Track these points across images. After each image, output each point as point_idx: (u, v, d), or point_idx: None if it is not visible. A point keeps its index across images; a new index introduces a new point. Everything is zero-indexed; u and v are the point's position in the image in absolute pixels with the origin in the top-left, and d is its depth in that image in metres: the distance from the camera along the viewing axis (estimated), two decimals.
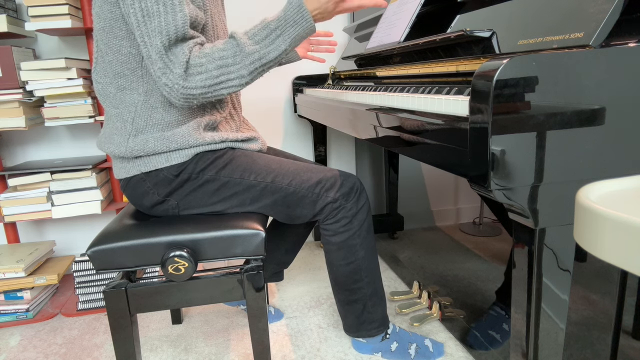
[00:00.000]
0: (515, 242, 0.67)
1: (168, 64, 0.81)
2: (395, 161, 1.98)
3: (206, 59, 0.83)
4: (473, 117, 0.60)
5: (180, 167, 0.93)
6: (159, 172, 0.93)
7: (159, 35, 0.79)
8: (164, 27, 0.79)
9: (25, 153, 1.81)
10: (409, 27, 1.18)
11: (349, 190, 0.99)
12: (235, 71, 0.84)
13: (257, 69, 0.85)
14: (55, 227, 1.91)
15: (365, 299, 1.09)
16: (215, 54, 0.83)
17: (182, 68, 0.81)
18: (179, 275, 0.88)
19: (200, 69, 0.82)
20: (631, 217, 0.28)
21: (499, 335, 1.17)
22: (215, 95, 0.85)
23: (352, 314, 1.12)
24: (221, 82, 0.84)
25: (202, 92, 0.83)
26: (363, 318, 1.11)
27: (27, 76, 1.49)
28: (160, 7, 0.79)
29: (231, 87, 0.85)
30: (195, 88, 0.82)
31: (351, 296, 1.09)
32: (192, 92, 0.83)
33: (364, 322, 1.12)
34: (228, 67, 0.83)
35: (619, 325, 0.90)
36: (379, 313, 1.12)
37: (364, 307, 1.10)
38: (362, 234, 1.03)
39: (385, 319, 1.14)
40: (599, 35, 0.65)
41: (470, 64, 0.86)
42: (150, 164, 0.92)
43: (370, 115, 1.00)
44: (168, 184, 0.94)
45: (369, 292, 1.09)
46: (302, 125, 2.09)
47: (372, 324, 1.12)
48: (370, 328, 1.13)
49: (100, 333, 1.43)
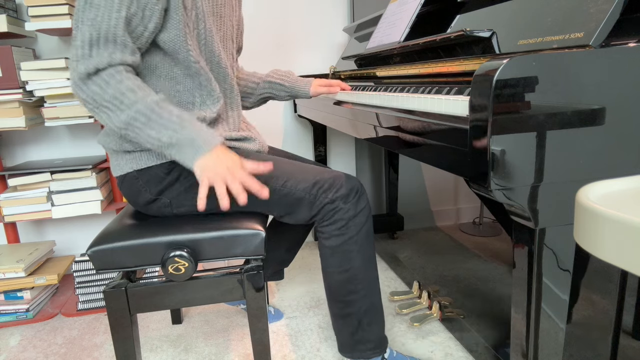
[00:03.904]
0: (515, 242, 0.67)
1: (84, 56, 0.79)
2: (395, 161, 1.98)
3: (114, 82, 0.80)
4: (473, 117, 0.60)
5: (171, 165, 0.93)
6: (150, 169, 0.93)
7: (90, 28, 0.79)
8: (98, 20, 0.79)
9: (25, 153, 1.81)
10: (409, 27, 1.18)
11: (348, 191, 0.95)
12: (118, 112, 0.81)
13: (132, 127, 0.82)
14: (55, 227, 1.91)
15: (360, 314, 1.00)
16: (122, 86, 0.80)
17: (91, 69, 0.79)
18: (179, 275, 0.88)
19: (101, 86, 0.80)
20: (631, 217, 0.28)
21: (499, 335, 1.17)
22: (94, 113, 0.84)
23: (345, 330, 1.03)
24: (104, 109, 0.81)
25: (85, 100, 0.82)
26: (357, 336, 1.02)
27: (27, 76, 1.49)
28: (101, 1, 0.79)
29: (106, 121, 0.82)
30: (84, 93, 0.80)
31: (345, 309, 1.00)
32: (79, 93, 0.81)
33: (359, 342, 1.02)
34: (117, 105, 0.80)
35: (619, 325, 0.90)
36: (376, 333, 1.03)
37: (359, 324, 1.01)
38: (359, 240, 0.96)
39: (382, 340, 1.05)
40: (599, 35, 0.65)
41: (470, 64, 0.86)
42: (142, 160, 0.92)
43: (370, 115, 1.00)
44: (159, 182, 0.93)
45: (365, 306, 1.00)
46: (302, 125, 2.09)
47: (367, 344, 1.03)
48: (364, 349, 1.03)
49: (100, 333, 1.43)
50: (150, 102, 0.81)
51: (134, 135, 0.83)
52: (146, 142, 0.82)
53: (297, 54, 2.01)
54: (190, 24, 0.90)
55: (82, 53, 0.79)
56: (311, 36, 2.00)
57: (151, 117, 0.81)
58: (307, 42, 2.01)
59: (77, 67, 0.79)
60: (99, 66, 0.79)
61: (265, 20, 1.94)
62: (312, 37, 2.01)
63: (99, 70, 0.80)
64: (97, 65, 0.79)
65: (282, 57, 2.00)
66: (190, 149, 0.81)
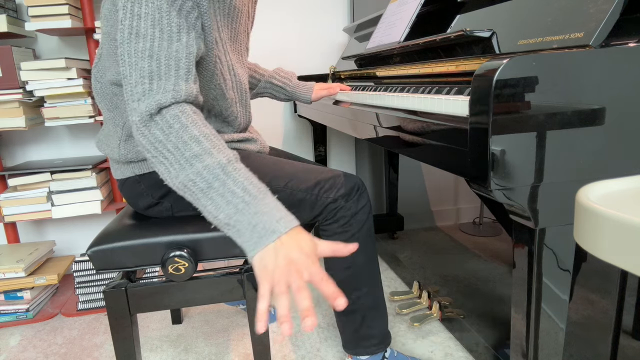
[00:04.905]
0: (515, 242, 0.67)
1: (144, 92, 0.68)
2: (395, 161, 1.98)
3: (178, 127, 0.67)
4: (473, 117, 0.60)
5: None
6: (152, 174, 0.92)
7: (149, 59, 0.69)
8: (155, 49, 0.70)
9: (25, 153, 1.81)
10: (408, 27, 1.18)
11: (350, 190, 0.95)
12: (177, 168, 0.67)
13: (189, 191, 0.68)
14: (55, 227, 1.91)
15: (364, 310, 1.01)
16: (186, 133, 0.67)
17: (153, 108, 0.67)
18: (179, 275, 0.88)
19: (165, 132, 0.67)
20: (631, 217, 0.28)
21: (499, 335, 1.17)
22: (152, 163, 0.70)
23: (349, 327, 1.04)
24: (162, 160, 0.68)
25: (147, 147, 0.69)
26: (361, 333, 1.03)
27: (27, 76, 1.49)
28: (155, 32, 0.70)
29: (165, 175, 0.69)
30: (145, 138, 0.68)
31: (348, 306, 1.01)
32: (140, 139, 0.69)
33: (363, 338, 1.03)
34: (178, 159, 0.67)
35: (619, 325, 0.90)
36: (379, 328, 1.04)
37: (363, 320, 1.02)
38: (361, 237, 0.97)
39: (385, 336, 1.06)
40: (599, 35, 0.65)
41: (470, 64, 0.86)
42: (144, 166, 0.92)
43: (370, 115, 1.00)
44: (161, 187, 0.93)
45: (369, 303, 1.01)
46: (302, 125, 2.09)
47: (370, 340, 1.04)
48: (368, 345, 1.04)
49: (100, 333, 1.43)
50: (215, 164, 0.66)
51: (192, 201, 0.69)
52: (203, 212, 0.68)
53: (297, 54, 2.01)
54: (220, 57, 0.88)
55: (143, 89, 0.68)
56: (311, 36, 2.00)
57: (213, 184, 0.66)
58: (307, 42, 2.01)
59: (138, 107, 0.68)
60: (162, 103, 0.68)
61: (265, 20, 1.94)
62: (312, 37, 2.01)
63: (162, 108, 0.68)
64: (160, 102, 0.67)
65: (282, 56, 2.00)
66: (249, 236, 0.64)
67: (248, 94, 1.03)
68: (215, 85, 0.89)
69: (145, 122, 0.68)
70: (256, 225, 0.64)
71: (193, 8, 0.76)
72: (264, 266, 0.63)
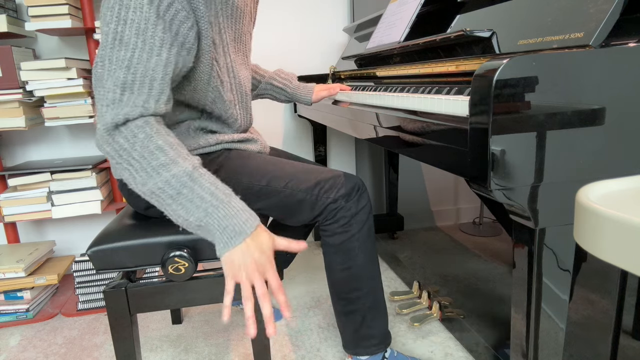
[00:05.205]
0: (515, 242, 0.67)
1: (114, 101, 0.70)
2: (395, 161, 1.98)
3: (143, 137, 0.70)
4: (473, 117, 0.60)
5: None
6: None
7: (125, 70, 0.70)
8: (134, 62, 0.71)
9: (25, 153, 1.81)
10: (408, 27, 1.18)
11: (350, 190, 0.95)
12: (144, 176, 0.70)
13: (157, 198, 0.72)
14: (55, 227, 1.91)
15: (364, 310, 1.01)
16: (152, 143, 0.70)
17: (120, 120, 0.69)
18: (179, 275, 0.88)
19: (129, 139, 0.70)
20: (631, 217, 0.28)
21: (499, 335, 1.17)
22: (116, 170, 0.74)
23: (349, 327, 1.04)
24: (128, 168, 0.71)
25: (111, 154, 0.72)
26: (361, 333, 1.03)
27: (27, 76, 1.49)
28: (138, 42, 0.71)
29: (130, 182, 0.73)
30: (110, 146, 0.71)
31: (348, 306, 1.01)
32: (104, 146, 0.72)
33: (363, 338, 1.03)
34: (145, 167, 0.70)
35: (619, 325, 0.90)
36: (379, 328, 1.04)
37: (363, 320, 1.02)
38: (361, 237, 0.97)
39: (386, 336, 1.06)
40: (599, 35, 0.65)
41: (470, 64, 0.86)
42: None
43: (370, 115, 1.00)
44: None
45: (369, 303, 1.01)
46: (302, 125, 2.09)
47: (371, 340, 1.03)
48: (368, 345, 1.04)
49: (100, 333, 1.43)
50: (181, 173, 0.71)
51: (159, 206, 0.73)
52: (171, 216, 0.73)
53: (297, 54, 2.01)
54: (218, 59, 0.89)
55: (113, 97, 0.70)
56: (311, 36, 2.01)
57: (182, 191, 0.70)
58: (307, 42, 2.01)
59: (104, 115, 0.70)
60: (130, 117, 0.70)
61: (265, 20, 1.94)
62: (312, 37, 2.01)
63: (129, 120, 0.71)
64: (127, 115, 0.70)
65: (281, 56, 2.00)
66: (219, 237, 0.72)
67: (249, 96, 1.03)
68: (212, 88, 0.90)
69: (109, 131, 0.70)
70: (226, 228, 0.71)
71: (187, 18, 0.77)
72: (231, 263, 0.72)
